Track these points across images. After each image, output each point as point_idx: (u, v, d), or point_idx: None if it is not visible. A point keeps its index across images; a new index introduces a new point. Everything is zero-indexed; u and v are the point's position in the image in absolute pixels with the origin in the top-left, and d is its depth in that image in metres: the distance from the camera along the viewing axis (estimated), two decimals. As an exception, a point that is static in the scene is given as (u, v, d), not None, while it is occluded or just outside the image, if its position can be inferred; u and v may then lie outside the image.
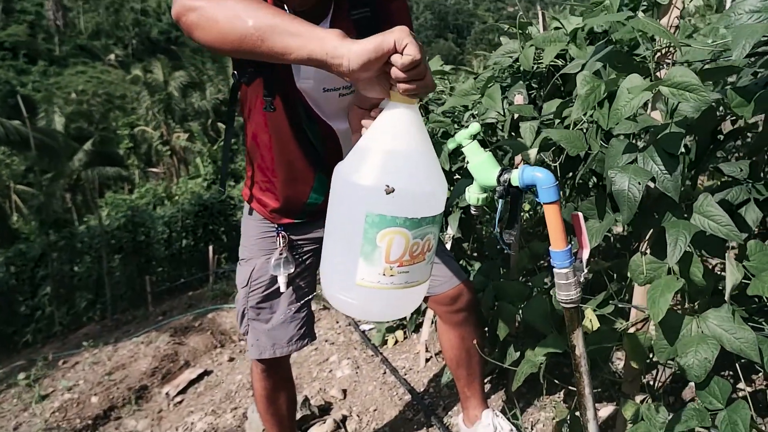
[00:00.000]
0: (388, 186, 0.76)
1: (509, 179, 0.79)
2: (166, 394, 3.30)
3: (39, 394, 3.69)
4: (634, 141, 1.31)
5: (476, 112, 2.83)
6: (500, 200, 0.81)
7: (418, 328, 2.89)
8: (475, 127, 0.84)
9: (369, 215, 0.77)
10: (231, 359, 3.71)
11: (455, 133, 0.85)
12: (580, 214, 0.78)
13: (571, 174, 1.76)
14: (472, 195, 0.88)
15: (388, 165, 0.78)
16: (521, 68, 1.94)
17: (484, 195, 0.87)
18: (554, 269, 0.78)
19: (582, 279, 0.78)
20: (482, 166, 0.83)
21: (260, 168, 1.39)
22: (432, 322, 2.54)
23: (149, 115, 29.75)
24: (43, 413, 3.23)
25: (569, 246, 0.77)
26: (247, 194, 1.48)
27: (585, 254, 0.79)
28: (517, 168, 0.79)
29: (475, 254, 2.69)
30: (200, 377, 3.45)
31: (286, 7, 1.11)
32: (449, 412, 2.02)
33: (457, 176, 2.41)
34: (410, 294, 0.85)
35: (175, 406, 3.14)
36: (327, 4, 1.17)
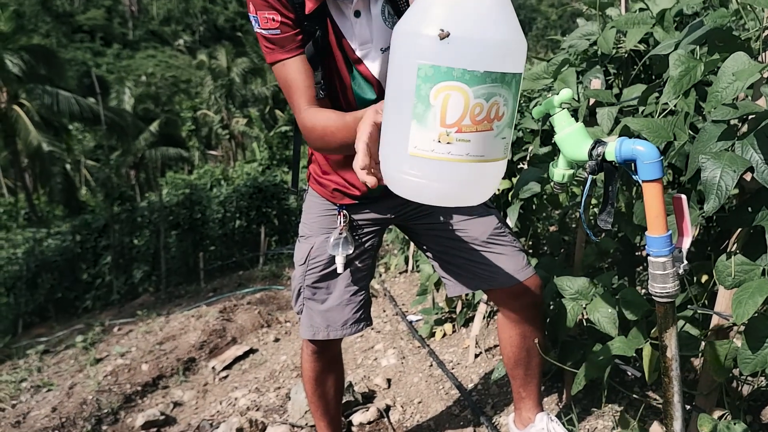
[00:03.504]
0: (442, 30, 0.63)
1: (603, 153, 0.70)
2: (213, 368, 3.36)
3: (94, 357, 3.85)
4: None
5: (542, 101, 2.69)
6: (590, 177, 0.72)
7: (467, 322, 2.81)
8: (566, 93, 0.75)
9: (421, 67, 0.65)
10: (276, 339, 3.74)
11: (535, 106, 0.76)
12: (683, 197, 0.68)
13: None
14: (558, 171, 0.79)
15: (444, 5, 0.65)
16: (598, 52, 1.81)
17: (571, 171, 0.77)
18: (650, 257, 0.68)
19: (681, 271, 0.68)
20: (572, 137, 0.74)
21: None
22: (483, 317, 2.45)
23: (211, 100, 30.68)
24: (96, 376, 3.35)
25: (669, 232, 0.68)
26: (308, 174, 1.47)
27: (686, 243, 0.69)
28: (613, 140, 0.69)
29: (531, 251, 2.57)
30: (246, 354, 3.49)
31: None
32: (498, 411, 1.93)
33: (521, 165, 2.30)
34: (474, 171, 0.70)
35: (221, 381, 3.18)
36: None
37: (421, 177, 0.70)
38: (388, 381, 2.46)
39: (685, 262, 0.68)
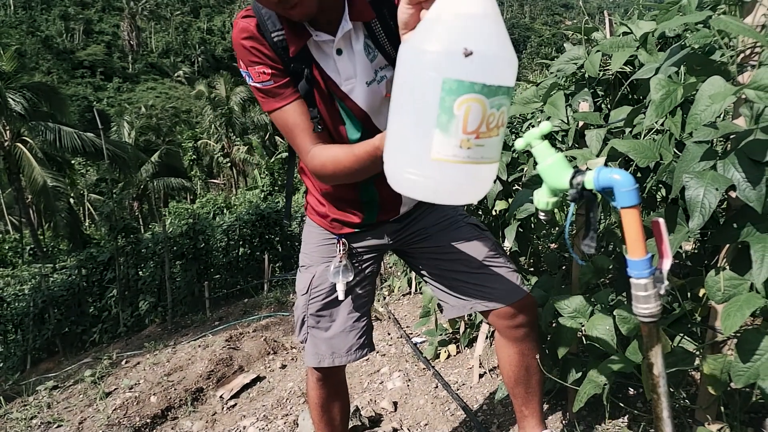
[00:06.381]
0: (466, 48, 0.73)
1: (583, 182, 0.75)
2: (220, 397, 3.36)
3: (103, 391, 3.85)
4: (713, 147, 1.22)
5: (535, 122, 2.75)
6: (572, 204, 0.76)
7: (471, 342, 2.82)
8: (546, 126, 0.80)
9: (446, 81, 0.74)
10: (283, 366, 3.75)
11: (522, 134, 0.82)
12: (662, 221, 0.72)
13: (639, 186, 1.67)
14: (542, 199, 0.83)
15: (464, 28, 0.75)
16: (586, 75, 1.87)
17: (554, 199, 0.82)
18: (632, 279, 0.72)
19: (662, 291, 0.72)
20: (553, 168, 0.79)
21: (312, 178, 1.42)
22: (486, 337, 2.47)
23: (212, 129, 31.02)
24: (106, 410, 3.36)
25: (649, 255, 0.72)
26: (306, 206, 1.52)
27: (666, 264, 0.73)
28: (591, 170, 0.74)
29: (532, 269, 2.60)
30: (253, 382, 3.50)
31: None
32: (504, 431, 1.94)
33: (516, 187, 2.35)
34: (483, 172, 0.81)
35: (229, 410, 3.19)
36: (338, 2, 1.17)
37: (437, 179, 0.79)
38: (395, 404, 2.47)
39: (666, 282, 0.72)
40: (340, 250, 1.41)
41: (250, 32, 1.16)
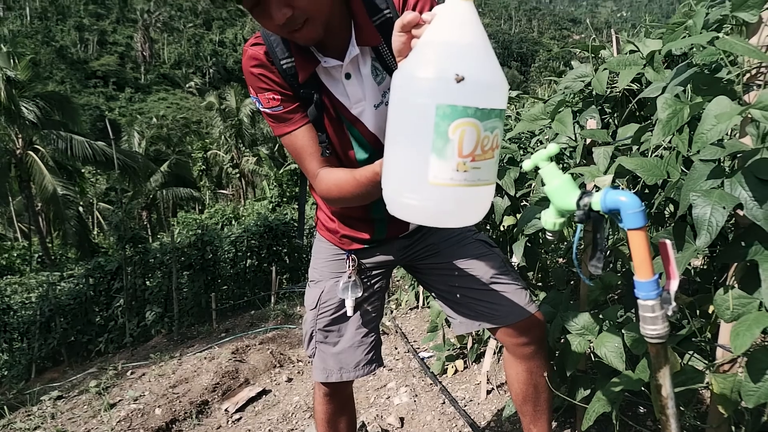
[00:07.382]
0: (457, 75, 0.75)
1: (590, 203, 0.75)
2: (226, 410, 3.36)
3: (108, 402, 3.85)
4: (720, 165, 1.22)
5: (543, 139, 2.76)
6: (578, 226, 0.76)
7: (479, 358, 2.81)
8: (553, 147, 0.81)
9: (439, 107, 0.76)
10: (289, 380, 3.74)
11: (530, 155, 0.83)
12: (669, 242, 0.73)
13: (646, 203, 1.68)
14: (549, 220, 0.84)
15: (454, 55, 0.77)
16: (593, 93, 1.88)
17: (562, 220, 0.83)
18: (639, 301, 0.73)
19: (670, 312, 0.72)
20: (560, 189, 0.80)
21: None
22: (494, 353, 2.46)
23: (221, 140, 31.26)
24: (110, 421, 3.36)
25: (656, 276, 0.72)
26: (317, 221, 1.53)
27: (673, 285, 0.73)
28: (598, 191, 0.75)
29: (540, 284, 2.59)
30: (259, 396, 3.49)
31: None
32: (511, 449, 1.93)
33: (524, 202, 2.35)
34: (481, 194, 0.83)
35: (234, 423, 3.18)
36: (345, 27, 1.19)
37: (435, 203, 0.81)
38: (401, 420, 2.45)
39: (674, 303, 0.72)
40: (349, 266, 1.42)
41: (260, 60, 1.18)
